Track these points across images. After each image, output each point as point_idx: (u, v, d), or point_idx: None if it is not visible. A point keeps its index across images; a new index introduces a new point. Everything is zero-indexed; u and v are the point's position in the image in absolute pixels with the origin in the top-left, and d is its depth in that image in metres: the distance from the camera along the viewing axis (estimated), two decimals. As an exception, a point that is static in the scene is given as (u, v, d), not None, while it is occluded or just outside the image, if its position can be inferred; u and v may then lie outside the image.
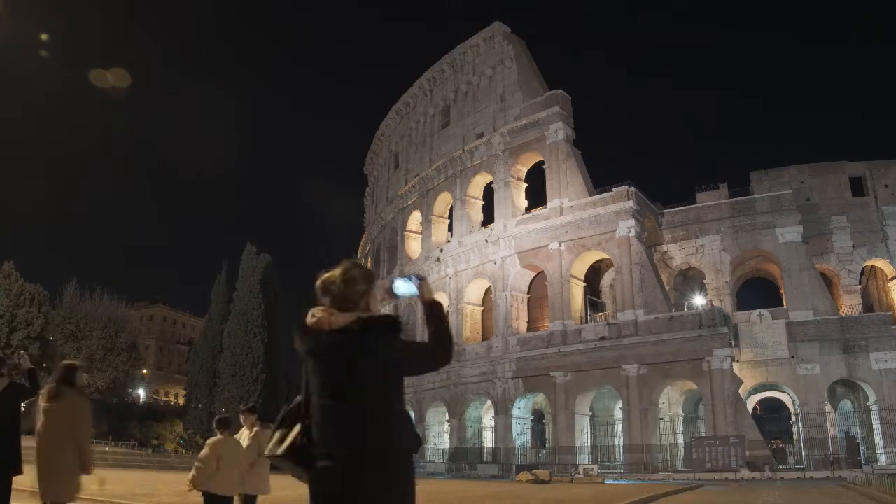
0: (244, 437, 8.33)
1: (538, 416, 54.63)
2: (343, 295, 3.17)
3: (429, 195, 60.42)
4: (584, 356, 44.95)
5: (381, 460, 2.93)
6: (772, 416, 60.30)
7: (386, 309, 3.42)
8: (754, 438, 38.81)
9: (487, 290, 54.53)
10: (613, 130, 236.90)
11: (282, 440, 3.13)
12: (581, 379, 45.32)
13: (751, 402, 50.38)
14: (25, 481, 6.86)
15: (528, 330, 51.33)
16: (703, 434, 42.65)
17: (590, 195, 47.87)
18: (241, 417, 8.66)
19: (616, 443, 47.43)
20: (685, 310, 45.42)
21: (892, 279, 50.16)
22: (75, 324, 49.54)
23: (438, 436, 55.72)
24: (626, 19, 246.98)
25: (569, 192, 48.68)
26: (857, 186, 50.46)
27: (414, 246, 63.00)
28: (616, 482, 32.68)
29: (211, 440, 7.62)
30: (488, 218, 55.18)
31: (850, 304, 48.82)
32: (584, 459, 43.65)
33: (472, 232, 54.79)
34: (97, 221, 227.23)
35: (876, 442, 41.92)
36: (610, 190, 46.93)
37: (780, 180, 50.72)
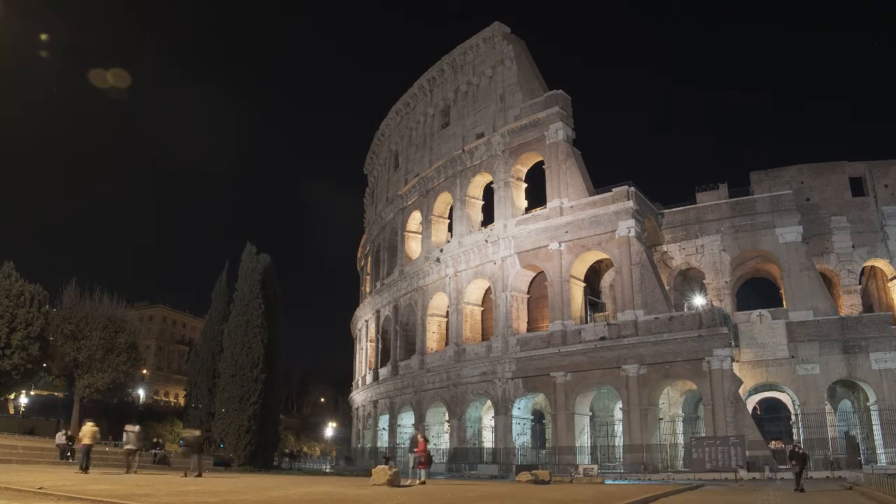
0: None
1: (538, 416, 54.59)
2: None
3: (429, 195, 60.42)
4: (584, 356, 44.96)
5: None
6: (772, 416, 60.31)
7: None
8: (754, 438, 38.79)
9: (487, 290, 54.52)
10: (613, 130, 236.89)
11: None
12: (581, 379, 45.32)
13: (751, 402, 50.37)
14: (26, 480, 6.86)
15: (528, 330, 51.31)
16: (703, 434, 42.64)
17: (590, 195, 47.85)
18: None
19: (616, 443, 47.45)
20: (685, 310, 45.37)
21: (892, 279, 50.17)
22: (75, 324, 49.41)
23: (438, 436, 55.65)
24: (625, 19, 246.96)
25: (569, 193, 48.68)
26: (857, 186, 50.49)
27: (414, 246, 62.99)
28: (616, 482, 32.65)
29: None
30: (488, 218, 55.15)
31: (850, 304, 48.85)
32: (584, 459, 43.62)
33: (472, 232, 54.77)
34: (97, 221, 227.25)
35: (876, 442, 41.93)
36: (610, 190, 46.92)
37: (780, 180, 50.77)
